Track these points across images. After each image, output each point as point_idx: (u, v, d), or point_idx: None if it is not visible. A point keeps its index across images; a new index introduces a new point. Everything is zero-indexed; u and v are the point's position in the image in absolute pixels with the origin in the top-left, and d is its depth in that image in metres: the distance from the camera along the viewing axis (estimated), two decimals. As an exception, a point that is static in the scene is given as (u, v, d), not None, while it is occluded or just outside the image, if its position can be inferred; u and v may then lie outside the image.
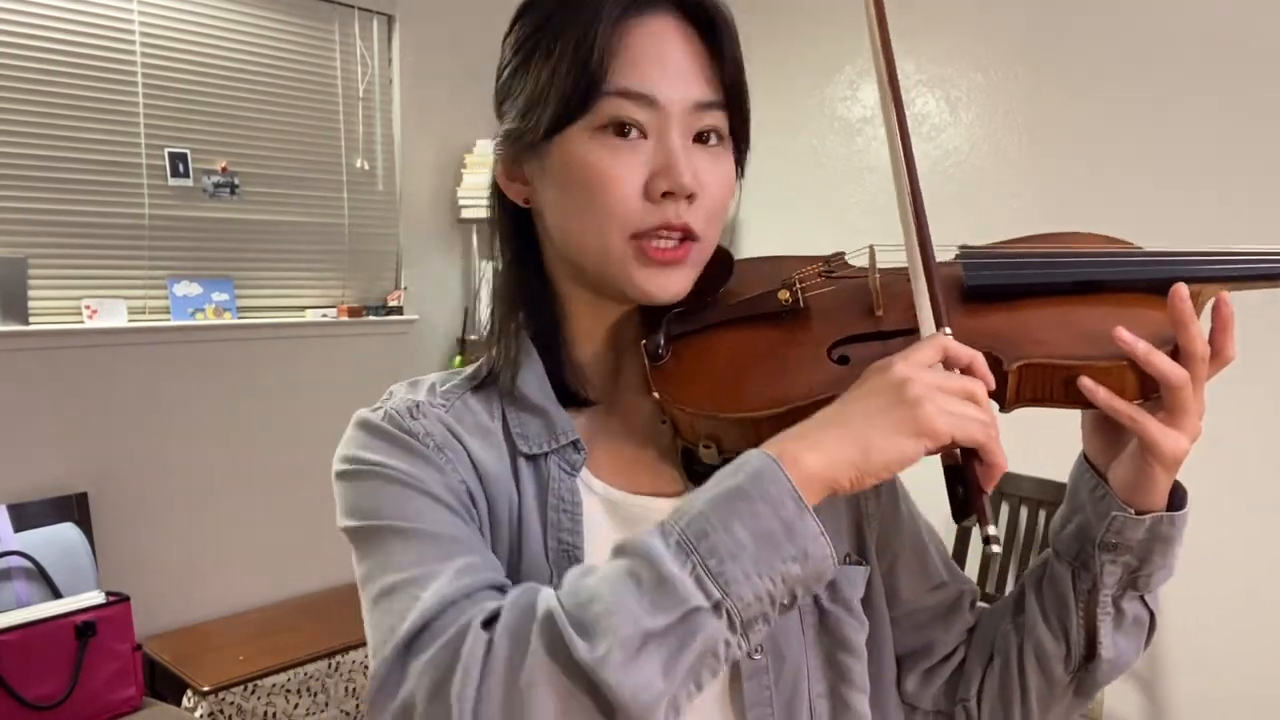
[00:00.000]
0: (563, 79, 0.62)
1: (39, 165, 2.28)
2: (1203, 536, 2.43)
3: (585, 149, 0.63)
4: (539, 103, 0.64)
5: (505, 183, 0.70)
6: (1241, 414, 2.25)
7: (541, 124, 0.63)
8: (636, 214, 0.63)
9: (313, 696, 2.33)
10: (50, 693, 1.94)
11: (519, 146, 0.67)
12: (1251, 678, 2.26)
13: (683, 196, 0.63)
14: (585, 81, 0.62)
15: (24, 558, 2.14)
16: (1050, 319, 0.68)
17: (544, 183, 0.66)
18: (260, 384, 2.66)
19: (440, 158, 3.04)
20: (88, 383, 2.34)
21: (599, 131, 0.63)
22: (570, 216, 0.65)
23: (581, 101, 0.62)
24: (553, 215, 0.67)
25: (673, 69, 0.63)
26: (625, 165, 0.63)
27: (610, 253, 0.64)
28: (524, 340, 0.70)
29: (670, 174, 0.62)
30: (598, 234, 0.64)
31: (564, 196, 0.65)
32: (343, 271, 2.89)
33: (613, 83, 0.62)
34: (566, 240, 0.67)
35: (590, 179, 0.63)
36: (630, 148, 0.63)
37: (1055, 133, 2.52)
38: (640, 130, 0.63)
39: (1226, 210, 2.25)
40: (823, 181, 3.03)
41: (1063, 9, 2.49)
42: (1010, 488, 2.62)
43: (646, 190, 0.63)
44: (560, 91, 0.62)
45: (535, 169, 0.67)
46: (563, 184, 0.65)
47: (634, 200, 0.63)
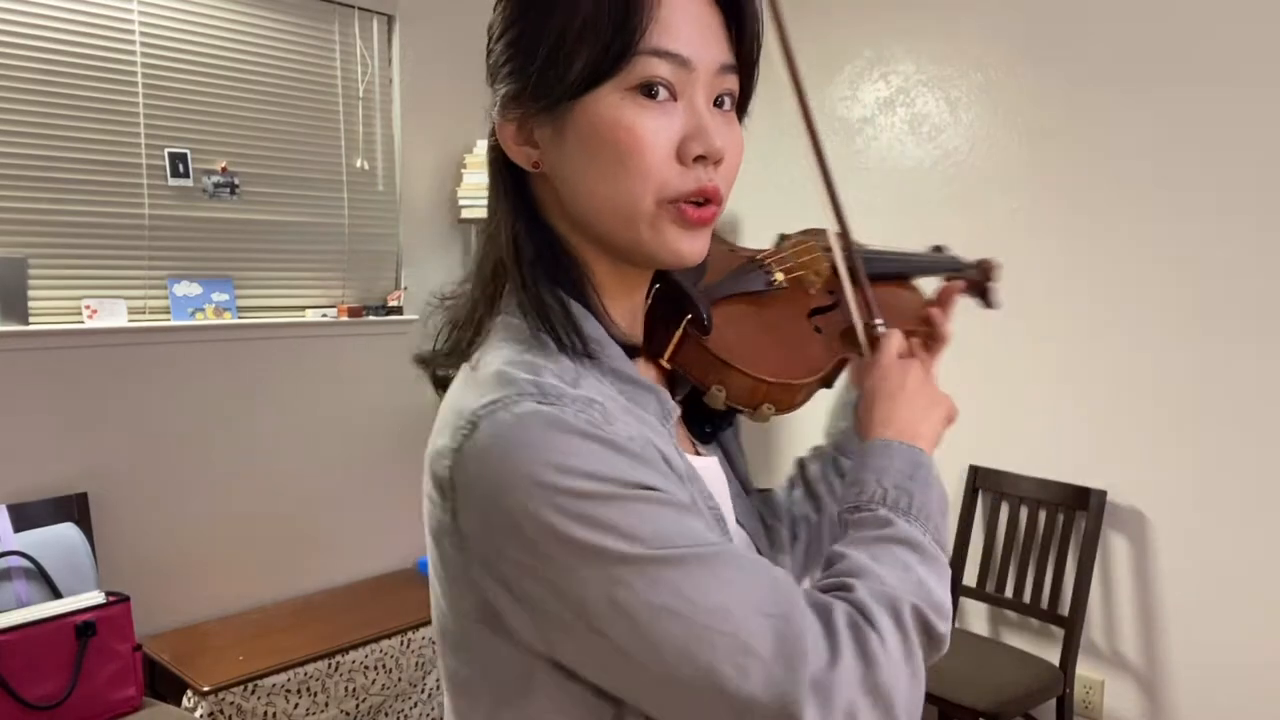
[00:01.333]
0: (595, 36, 0.59)
1: (39, 165, 2.28)
2: (1203, 536, 2.44)
3: (617, 110, 0.61)
4: (562, 61, 0.60)
5: (513, 146, 0.66)
6: (1239, 417, 2.25)
7: (565, 83, 0.61)
8: (670, 177, 0.62)
9: (313, 696, 2.33)
10: (50, 693, 1.94)
11: (534, 107, 0.63)
12: (1252, 677, 2.26)
13: (714, 161, 0.63)
14: (621, 40, 0.59)
15: (24, 558, 2.14)
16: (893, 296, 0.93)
17: (562, 145, 0.63)
18: (260, 384, 2.67)
19: (440, 158, 3.04)
20: (88, 383, 2.34)
21: (630, 92, 0.61)
22: (598, 180, 0.62)
23: (615, 61, 0.60)
24: (574, 178, 0.64)
25: (703, 29, 0.62)
26: (658, 127, 0.61)
27: (641, 216, 0.63)
28: (572, 306, 0.65)
29: (703, 137, 0.62)
30: (628, 197, 0.62)
31: (590, 159, 0.62)
32: (343, 271, 2.89)
33: (647, 42, 0.60)
34: (591, 204, 0.64)
35: (621, 141, 0.61)
36: (661, 109, 0.61)
37: (1055, 133, 2.52)
38: (671, 91, 0.62)
39: (1227, 209, 2.25)
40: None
41: (1063, 9, 2.49)
42: (1010, 488, 2.62)
43: (679, 153, 0.62)
44: (591, 50, 0.60)
45: (549, 131, 0.63)
46: (590, 147, 0.62)
47: (668, 163, 0.62)
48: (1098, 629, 2.50)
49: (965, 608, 2.75)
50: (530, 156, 0.65)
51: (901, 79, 2.84)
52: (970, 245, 2.85)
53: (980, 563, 2.66)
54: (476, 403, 0.58)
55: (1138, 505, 2.42)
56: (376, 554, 2.97)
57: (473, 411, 0.58)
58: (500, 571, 0.57)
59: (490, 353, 0.63)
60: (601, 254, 0.67)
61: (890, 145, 2.88)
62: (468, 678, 0.63)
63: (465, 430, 0.57)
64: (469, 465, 0.57)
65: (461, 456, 0.57)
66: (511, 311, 0.65)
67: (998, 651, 2.44)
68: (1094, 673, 2.50)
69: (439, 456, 0.59)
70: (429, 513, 0.61)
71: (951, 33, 2.72)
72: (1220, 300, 2.27)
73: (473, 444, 0.57)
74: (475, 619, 0.60)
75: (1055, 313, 2.54)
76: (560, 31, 0.60)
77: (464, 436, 0.57)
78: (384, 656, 2.49)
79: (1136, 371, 2.40)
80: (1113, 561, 2.47)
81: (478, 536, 0.57)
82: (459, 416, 0.59)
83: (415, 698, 2.58)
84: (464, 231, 3.11)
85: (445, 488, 0.58)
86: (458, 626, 0.62)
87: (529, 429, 0.56)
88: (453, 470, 0.57)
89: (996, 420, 2.67)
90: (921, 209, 2.81)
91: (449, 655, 0.64)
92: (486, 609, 0.58)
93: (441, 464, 0.59)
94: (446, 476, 0.58)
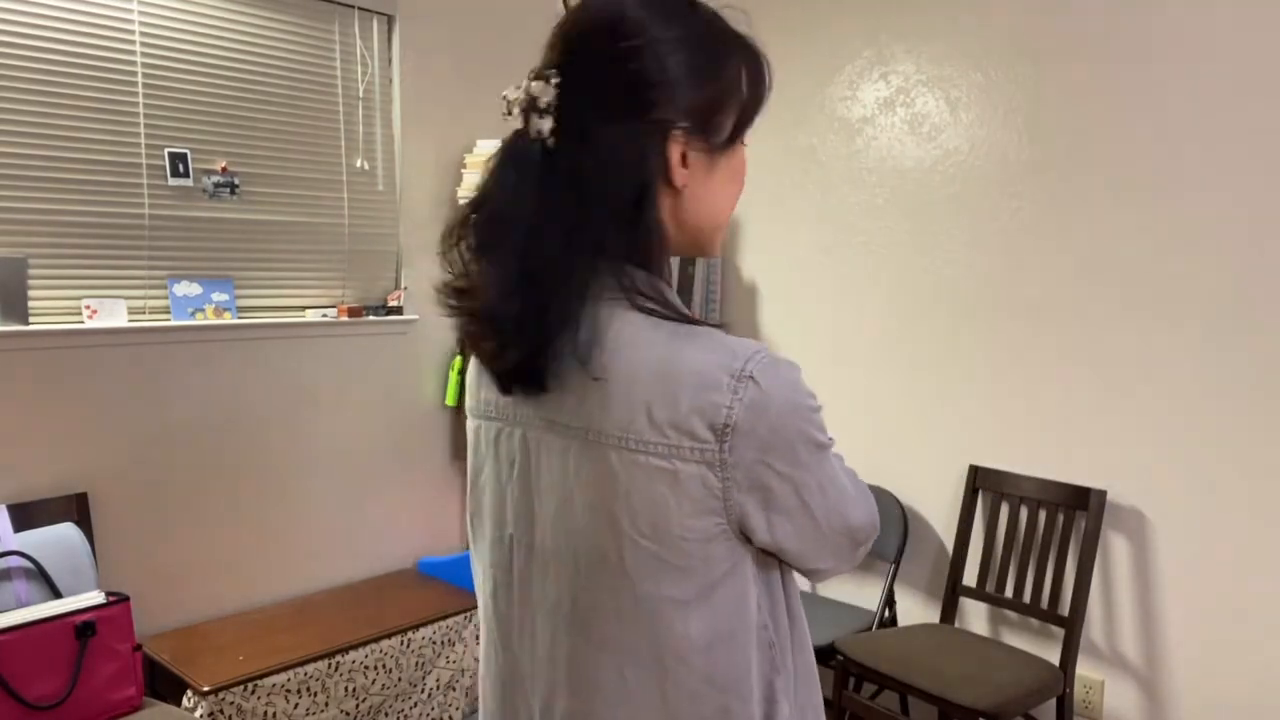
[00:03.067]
0: (754, 101, 0.84)
1: (39, 165, 2.28)
2: (1203, 537, 2.44)
3: (742, 154, 0.87)
4: (728, 111, 0.82)
5: (679, 169, 0.81)
6: (1240, 417, 2.25)
7: (725, 130, 0.83)
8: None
9: (313, 696, 2.33)
10: (50, 693, 1.94)
11: (705, 145, 0.82)
12: (1252, 677, 2.26)
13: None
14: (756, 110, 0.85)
15: (24, 558, 2.14)
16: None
17: (709, 172, 0.83)
18: (260, 384, 2.67)
19: (440, 158, 3.04)
20: (88, 383, 2.34)
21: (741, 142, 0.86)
22: (726, 200, 0.86)
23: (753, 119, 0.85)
24: (713, 198, 0.84)
25: None
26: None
27: (725, 227, 0.88)
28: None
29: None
30: (728, 214, 0.87)
31: (726, 186, 0.86)
32: (343, 271, 2.89)
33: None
34: (713, 215, 0.85)
35: (742, 175, 0.88)
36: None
37: (1055, 133, 2.52)
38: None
39: (1228, 209, 2.25)
40: (822, 181, 3.03)
41: (1063, 10, 2.49)
42: (1010, 488, 2.62)
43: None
44: (749, 110, 0.84)
45: (704, 160, 0.82)
46: (728, 177, 0.85)
47: None
48: (1098, 629, 2.50)
49: (965, 607, 2.75)
50: (683, 177, 0.81)
51: (901, 79, 2.84)
52: (970, 245, 2.87)
53: (980, 563, 2.66)
54: (734, 363, 0.75)
55: (1138, 505, 2.42)
56: (376, 554, 2.97)
57: (738, 371, 0.74)
58: (762, 483, 0.76)
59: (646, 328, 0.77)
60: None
61: (890, 145, 2.88)
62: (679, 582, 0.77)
63: (742, 385, 0.74)
64: (756, 407, 0.74)
65: (745, 403, 0.74)
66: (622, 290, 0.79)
67: (998, 651, 2.44)
68: (1094, 673, 2.50)
69: (712, 409, 0.74)
70: (681, 464, 0.74)
71: (951, 33, 2.72)
72: (1221, 300, 2.27)
73: (759, 393, 0.74)
74: (701, 538, 0.76)
75: (1055, 313, 2.54)
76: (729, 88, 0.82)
77: (744, 389, 0.74)
78: (384, 656, 2.49)
79: (1137, 371, 2.40)
80: (1113, 561, 2.47)
81: (749, 462, 0.75)
82: (723, 374, 0.74)
83: (415, 698, 2.58)
84: (464, 231, 3.11)
85: (719, 430, 0.74)
86: (676, 549, 0.76)
87: (792, 372, 0.77)
88: (733, 416, 0.74)
89: (996, 420, 2.67)
90: (921, 209, 2.81)
91: (658, 578, 0.76)
92: (720, 525, 0.76)
93: (719, 413, 0.74)
94: (722, 421, 0.74)
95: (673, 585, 0.76)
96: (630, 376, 0.76)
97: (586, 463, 0.78)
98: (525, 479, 0.85)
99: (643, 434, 0.75)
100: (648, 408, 0.75)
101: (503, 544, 0.88)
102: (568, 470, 0.80)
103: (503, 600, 0.90)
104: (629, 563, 0.76)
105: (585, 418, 0.78)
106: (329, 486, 2.84)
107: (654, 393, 0.75)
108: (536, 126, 0.78)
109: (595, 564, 0.78)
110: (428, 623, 2.59)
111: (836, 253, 3.01)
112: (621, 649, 0.79)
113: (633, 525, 0.76)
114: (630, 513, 0.76)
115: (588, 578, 0.79)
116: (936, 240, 2.78)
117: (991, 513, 2.67)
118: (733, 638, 0.79)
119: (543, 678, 0.85)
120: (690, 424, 0.74)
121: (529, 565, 0.85)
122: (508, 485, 0.87)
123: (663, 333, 0.77)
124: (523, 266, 0.76)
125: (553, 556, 0.82)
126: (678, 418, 0.74)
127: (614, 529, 0.76)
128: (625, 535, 0.76)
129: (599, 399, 0.77)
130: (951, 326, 2.76)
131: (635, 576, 0.77)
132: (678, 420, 0.74)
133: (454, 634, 2.66)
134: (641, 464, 0.75)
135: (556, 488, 0.81)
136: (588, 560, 0.79)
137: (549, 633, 0.84)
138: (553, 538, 0.82)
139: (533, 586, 0.85)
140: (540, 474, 0.83)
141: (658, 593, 0.77)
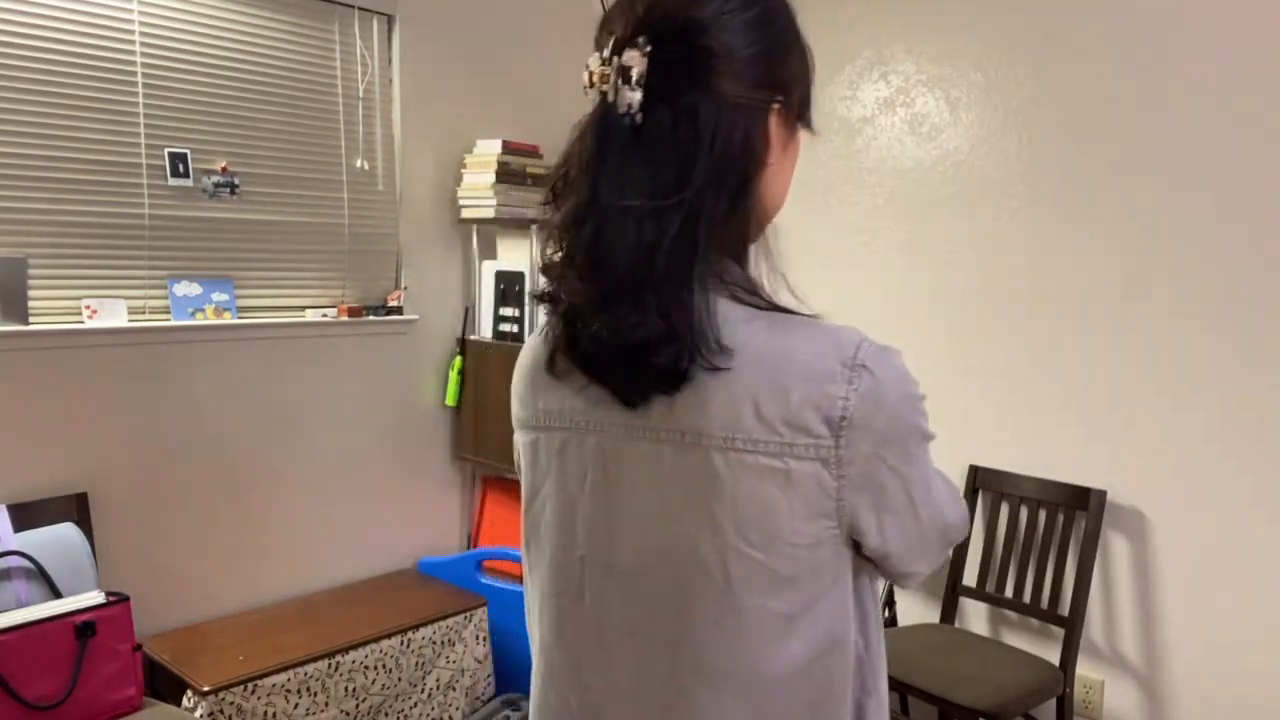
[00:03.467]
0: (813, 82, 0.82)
1: (39, 165, 2.28)
2: (1203, 537, 2.44)
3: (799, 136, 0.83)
4: (805, 89, 0.81)
5: (777, 143, 0.79)
6: (1240, 417, 2.25)
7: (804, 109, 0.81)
8: None
9: (313, 696, 2.33)
10: (50, 693, 1.94)
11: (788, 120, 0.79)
12: (1252, 677, 2.26)
13: None
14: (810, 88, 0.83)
15: (24, 558, 2.14)
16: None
17: (787, 152, 0.81)
18: (260, 384, 2.67)
19: (440, 158, 3.04)
20: (88, 383, 2.34)
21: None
22: (787, 183, 0.83)
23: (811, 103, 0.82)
24: (781, 178, 0.81)
25: None
26: None
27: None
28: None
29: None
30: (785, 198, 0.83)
31: (792, 168, 0.83)
32: (343, 271, 2.89)
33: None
34: (778, 197, 0.82)
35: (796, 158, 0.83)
36: None
37: (1055, 133, 2.52)
38: None
39: (1228, 209, 2.25)
40: (822, 181, 3.03)
41: (1063, 9, 2.49)
42: (1010, 488, 2.62)
43: None
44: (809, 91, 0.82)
45: (784, 138, 0.79)
46: (793, 157, 0.82)
47: None
48: (1098, 629, 2.50)
49: (965, 607, 2.75)
50: (775, 155, 0.79)
51: (901, 79, 2.84)
52: (970, 245, 2.87)
53: (980, 563, 2.66)
54: (843, 352, 0.71)
55: (1138, 505, 2.42)
56: (376, 554, 2.97)
57: (850, 360, 0.71)
58: (875, 480, 0.72)
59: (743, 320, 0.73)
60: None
61: (890, 145, 2.88)
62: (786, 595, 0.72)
63: (856, 375, 0.70)
64: (872, 398, 0.70)
65: (861, 394, 0.70)
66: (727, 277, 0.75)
67: (998, 651, 2.44)
68: (1094, 673, 2.50)
69: (827, 401, 0.70)
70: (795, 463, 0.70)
71: (951, 33, 2.72)
72: (1221, 300, 2.27)
73: (874, 382, 0.71)
74: (811, 544, 0.71)
75: (1055, 313, 2.54)
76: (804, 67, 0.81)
77: (858, 379, 0.70)
78: (384, 656, 2.49)
79: (1136, 371, 2.40)
80: (1113, 561, 2.47)
81: (863, 458, 0.70)
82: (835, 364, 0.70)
83: (415, 698, 2.57)
84: (464, 231, 3.11)
85: (835, 424, 0.70)
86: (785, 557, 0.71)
87: (900, 359, 0.74)
88: (849, 408, 0.70)
89: (996, 420, 2.67)
90: (921, 209, 2.81)
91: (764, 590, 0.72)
92: (831, 529, 0.72)
93: (834, 405, 0.70)
94: (838, 415, 0.70)
95: (778, 598, 0.71)
96: (730, 372, 0.70)
97: (684, 468, 0.72)
98: (602, 492, 0.78)
99: (751, 432, 0.69)
100: (755, 403, 0.69)
101: (570, 567, 0.81)
102: (660, 478, 0.73)
103: (570, 631, 0.81)
104: (734, 575, 0.71)
105: (679, 419, 0.72)
106: (329, 486, 2.84)
107: (760, 387, 0.70)
108: (627, 100, 0.71)
109: (693, 580, 0.72)
110: (428, 623, 2.59)
111: (836, 253, 3.01)
112: (719, 675, 0.73)
113: (739, 533, 0.70)
114: (737, 519, 0.70)
115: (684, 597, 0.73)
116: (936, 240, 2.78)
117: (991, 513, 2.67)
118: (831, 654, 0.74)
119: (626, 713, 0.77)
120: (804, 418, 0.69)
121: (606, 588, 0.78)
122: (579, 500, 0.79)
123: (760, 323, 0.72)
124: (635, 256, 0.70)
125: (639, 576, 0.75)
126: (789, 412, 0.69)
127: (717, 539, 0.71)
128: (730, 545, 0.70)
129: (695, 398, 0.71)
130: (951, 326, 2.76)
131: (739, 590, 0.71)
132: (789, 415, 0.69)
133: (454, 634, 2.66)
134: (750, 464, 0.69)
135: (643, 499, 0.75)
136: (684, 577, 0.73)
137: (633, 663, 0.76)
138: (639, 555, 0.75)
139: (612, 612, 0.78)
140: (622, 485, 0.76)
141: (762, 606, 0.71)
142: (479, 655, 2.73)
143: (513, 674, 2.85)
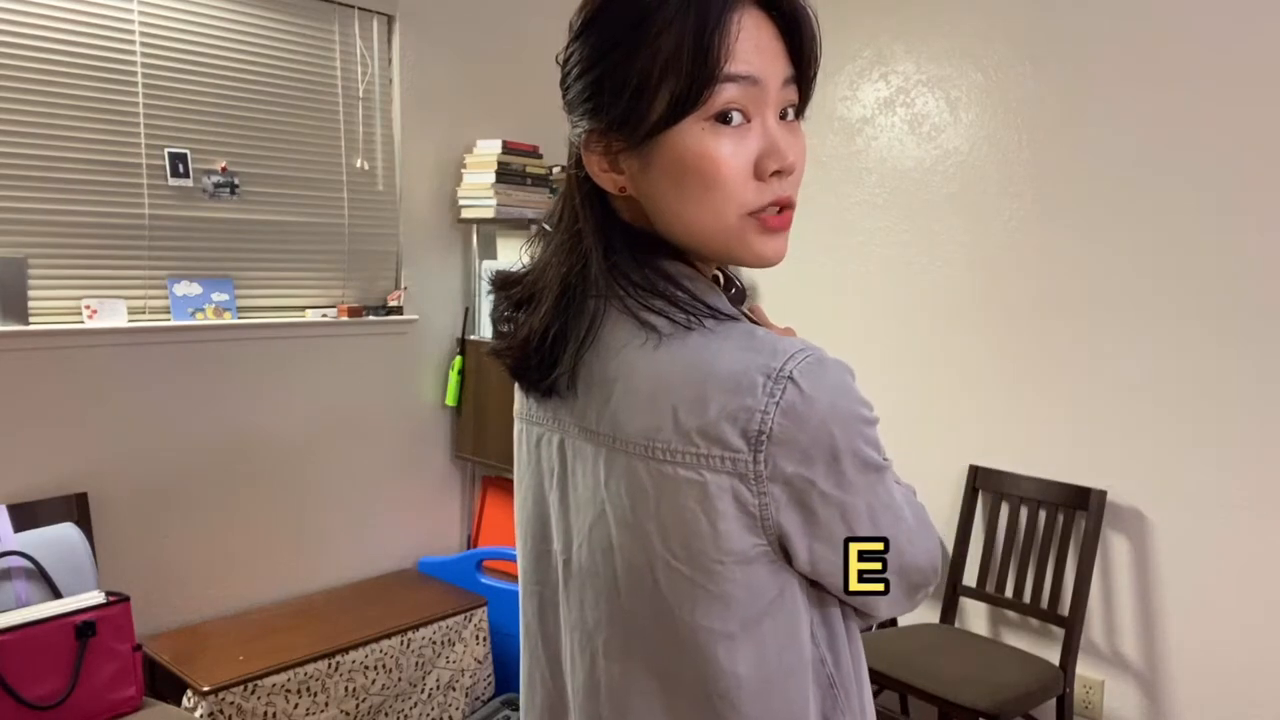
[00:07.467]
0: (676, 74, 0.65)
1: (39, 165, 2.28)
2: (1203, 537, 2.43)
3: (698, 141, 0.67)
4: (646, 100, 0.67)
5: (601, 174, 0.72)
6: (1240, 417, 2.25)
7: (650, 120, 0.67)
8: (750, 194, 0.69)
9: (313, 696, 2.33)
10: (50, 693, 1.94)
11: (620, 143, 0.70)
12: (1252, 677, 2.26)
13: (788, 173, 0.70)
14: (702, 74, 0.65)
15: (24, 558, 2.13)
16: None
17: (649, 173, 0.70)
18: (260, 384, 2.67)
19: (440, 158, 3.04)
20: (88, 383, 2.34)
21: (709, 122, 0.67)
22: (685, 204, 0.69)
23: (696, 95, 0.66)
24: (662, 201, 0.70)
25: (765, 48, 0.69)
26: (735, 152, 0.68)
27: (728, 232, 0.70)
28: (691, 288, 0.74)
29: (777, 154, 0.69)
30: (713, 217, 0.69)
31: (676, 186, 0.69)
32: (343, 271, 2.89)
33: (724, 71, 0.66)
34: (679, 223, 0.71)
35: (705, 169, 0.67)
36: (737, 134, 0.68)
37: (1055, 133, 2.52)
38: (744, 115, 0.68)
39: (1228, 209, 2.25)
40: (822, 181, 3.03)
41: (1063, 9, 2.49)
42: (1010, 488, 2.62)
43: (756, 172, 0.69)
44: (673, 87, 0.66)
45: (635, 161, 0.70)
46: (675, 175, 0.68)
47: (747, 182, 0.69)
48: (1098, 629, 2.50)
49: (965, 608, 2.75)
50: (617, 182, 0.72)
51: (901, 79, 2.84)
52: (970, 245, 2.87)
53: (980, 563, 2.66)
54: (771, 362, 0.65)
55: (1138, 505, 2.42)
56: (376, 554, 2.97)
57: (775, 371, 0.65)
58: (803, 502, 0.66)
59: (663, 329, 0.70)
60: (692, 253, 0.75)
61: (890, 145, 2.88)
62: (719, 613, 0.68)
63: (779, 387, 0.65)
64: (794, 413, 0.64)
65: (783, 408, 0.64)
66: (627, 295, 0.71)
67: (998, 651, 2.44)
68: (1094, 673, 2.50)
69: (745, 414, 0.65)
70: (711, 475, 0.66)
71: (951, 33, 2.72)
72: (1221, 300, 2.27)
73: (799, 396, 0.64)
74: (738, 561, 0.67)
75: (1055, 312, 2.54)
76: (644, 72, 0.66)
77: (780, 392, 0.65)
78: (384, 656, 2.49)
79: (1136, 371, 2.40)
80: (1113, 561, 2.47)
81: (788, 477, 0.65)
82: (758, 375, 0.65)
83: (415, 698, 2.57)
84: (464, 231, 3.11)
85: (754, 439, 0.65)
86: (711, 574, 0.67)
87: (842, 374, 0.67)
88: (768, 422, 0.64)
89: (996, 420, 2.67)
90: (921, 209, 2.81)
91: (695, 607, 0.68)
92: (760, 546, 0.67)
93: (752, 419, 0.65)
94: (757, 429, 0.65)
95: (712, 616, 0.68)
96: (656, 377, 0.68)
97: (616, 472, 0.71)
98: (562, 489, 0.77)
99: (670, 441, 0.67)
100: (674, 412, 0.67)
101: (544, 559, 0.82)
102: (599, 480, 0.72)
103: (551, 622, 0.82)
104: (664, 587, 0.69)
105: (609, 422, 0.71)
106: (329, 486, 2.84)
107: (681, 396, 0.67)
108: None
109: (634, 585, 0.71)
110: (428, 623, 2.59)
111: (836, 253, 3.01)
112: (668, 680, 0.71)
113: (665, 545, 0.68)
114: (661, 530, 0.68)
115: (628, 600, 0.71)
116: (936, 240, 2.78)
117: (991, 513, 2.67)
118: (788, 677, 0.70)
119: (584, 710, 0.77)
120: (720, 430, 0.65)
121: (571, 584, 0.77)
122: (549, 495, 0.80)
123: (693, 333, 0.69)
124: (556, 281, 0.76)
125: (589, 575, 0.74)
126: (706, 423, 0.66)
127: (647, 548, 0.69)
128: (659, 556, 0.69)
129: (624, 403, 0.70)
130: (951, 326, 2.76)
131: (673, 602, 0.69)
132: (706, 426, 0.66)
133: (454, 634, 2.66)
134: (669, 475, 0.67)
135: (590, 499, 0.74)
136: (626, 580, 0.71)
137: (588, 660, 0.76)
138: (589, 555, 0.74)
139: (571, 608, 0.78)
140: (576, 484, 0.75)
141: (697, 623, 0.68)
142: (479, 655, 2.73)
143: (513, 674, 2.85)
